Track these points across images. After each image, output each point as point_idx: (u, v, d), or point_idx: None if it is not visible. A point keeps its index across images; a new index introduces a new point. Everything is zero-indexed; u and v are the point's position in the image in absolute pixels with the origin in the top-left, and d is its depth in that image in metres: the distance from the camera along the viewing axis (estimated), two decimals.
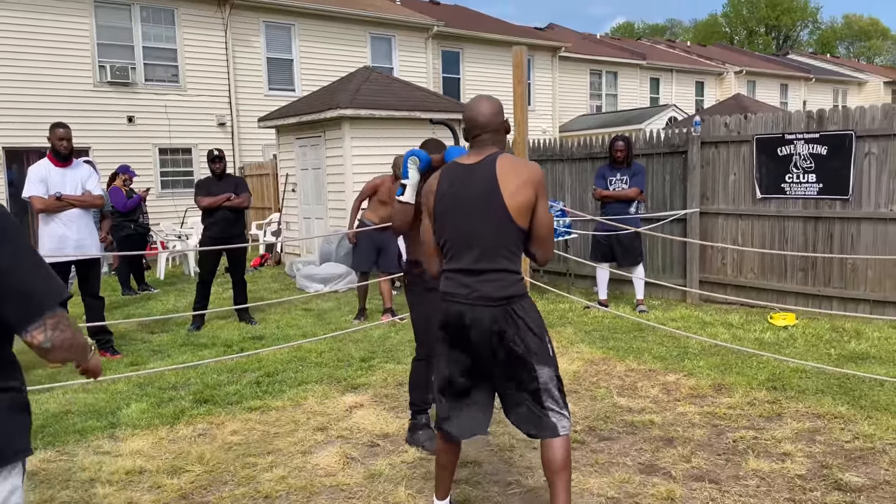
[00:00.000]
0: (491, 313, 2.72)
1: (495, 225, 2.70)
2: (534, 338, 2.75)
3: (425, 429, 4.04)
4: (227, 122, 15.91)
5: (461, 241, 2.77)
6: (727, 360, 5.41)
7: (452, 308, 2.79)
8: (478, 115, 2.81)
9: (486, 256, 2.73)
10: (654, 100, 26.62)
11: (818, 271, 6.95)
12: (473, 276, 2.75)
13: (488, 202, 2.69)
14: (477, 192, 2.72)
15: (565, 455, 2.76)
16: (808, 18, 56.66)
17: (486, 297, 2.72)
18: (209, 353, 6.21)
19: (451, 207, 2.78)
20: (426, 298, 3.90)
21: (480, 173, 2.73)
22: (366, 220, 7.43)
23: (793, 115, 7.14)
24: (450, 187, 2.80)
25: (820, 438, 3.88)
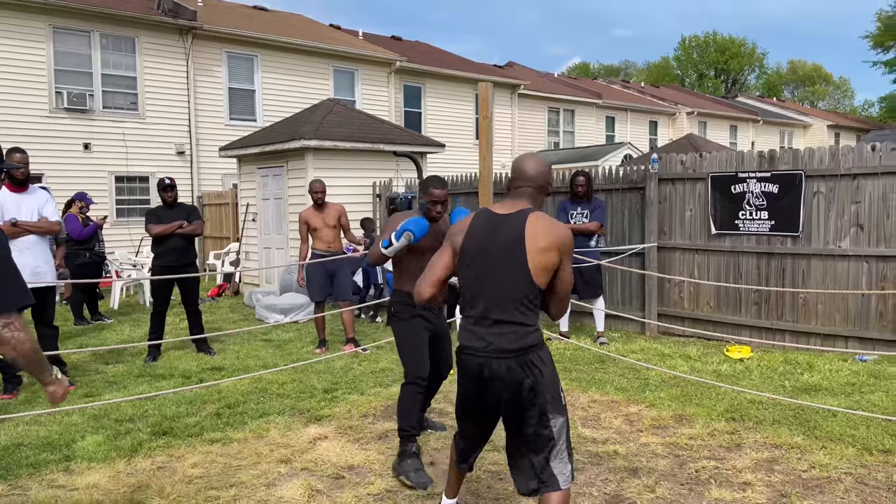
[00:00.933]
0: (507, 364, 2.74)
1: (514, 280, 2.73)
2: (551, 387, 2.79)
3: (413, 458, 3.98)
4: (187, 151, 15.76)
5: (480, 290, 2.80)
6: (687, 391, 5.52)
7: (471, 361, 2.81)
8: (527, 168, 2.87)
9: (501, 308, 2.75)
10: (609, 137, 27.30)
11: (771, 305, 7.17)
12: (488, 328, 2.78)
13: (512, 258, 2.73)
14: (503, 244, 2.76)
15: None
16: (755, 63, 59.06)
17: (501, 349, 2.74)
18: (167, 385, 6.07)
19: (476, 255, 2.82)
20: (412, 324, 4.06)
21: (510, 226, 2.77)
22: (315, 250, 7.54)
23: (746, 154, 7.42)
24: (479, 235, 2.83)
25: (778, 468, 3.98)
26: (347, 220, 7.71)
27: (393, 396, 5.59)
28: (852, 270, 6.66)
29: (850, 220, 6.68)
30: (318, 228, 7.49)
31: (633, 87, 34.50)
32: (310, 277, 7.49)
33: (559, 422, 2.80)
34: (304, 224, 7.53)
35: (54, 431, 4.79)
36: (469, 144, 20.93)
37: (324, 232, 7.51)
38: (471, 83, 21.22)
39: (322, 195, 7.52)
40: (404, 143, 11.45)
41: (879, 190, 6.51)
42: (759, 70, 60.10)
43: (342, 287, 7.55)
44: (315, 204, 7.52)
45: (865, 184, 6.58)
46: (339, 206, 7.67)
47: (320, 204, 7.51)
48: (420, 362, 4.13)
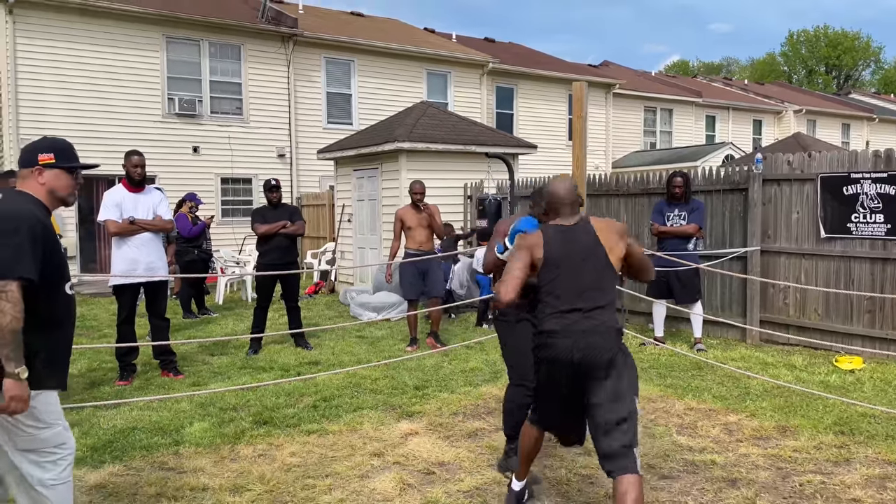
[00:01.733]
0: (604, 341, 3.09)
1: (601, 273, 3.18)
2: (632, 370, 3.17)
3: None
4: (287, 154, 16.37)
5: (573, 287, 3.17)
6: (791, 401, 5.25)
7: (562, 343, 3.12)
8: (562, 193, 3.31)
9: (594, 297, 3.15)
10: (709, 137, 26.32)
11: (886, 313, 6.72)
12: (582, 314, 3.13)
13: (596, 255, 3.19)
14: (584, 247, 3.20)
15: (640, 491, 2.95)
16: (870, 58, 55.46)
17: (596, 330, 3.11)
18: (267, 377, 6.34)
19: (562, 260, 3.20)
20: (517, 328, 4.16)
21: (583, 232, 3.24)
22: (407, 249, 7.67)
23: (859, 153, 7.00)
24: (559, 244, 3.22)
25: (891, 485, 3.73)
26: (441, 221, 7.83)
27: (482, 396, 5.62)
28: None
29: None
30: (413, 227, 7.63)
31: (735, 85, 33.10)
32: (402, 276, 7.64)
33: (635, 403, 3.11)
34: (399, 221, 7.68)
35: (165, 417, 5.10)
36: (561, 145, 20.71)
37: (418, 231, 7.64)
38: (564, 83, 20.98)
39: (422, 196, 7.67)
40: (496, 145, 11.47)
41: None
42: (875, 65, 56.35)
43: (434, 284, 7.67)
44: (413, 204, 7.67)
45: None
46: (435, 207, 7.80)
47: (417, 205, 7.65)
48: (528, 365, 4.08)
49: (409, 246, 7.69)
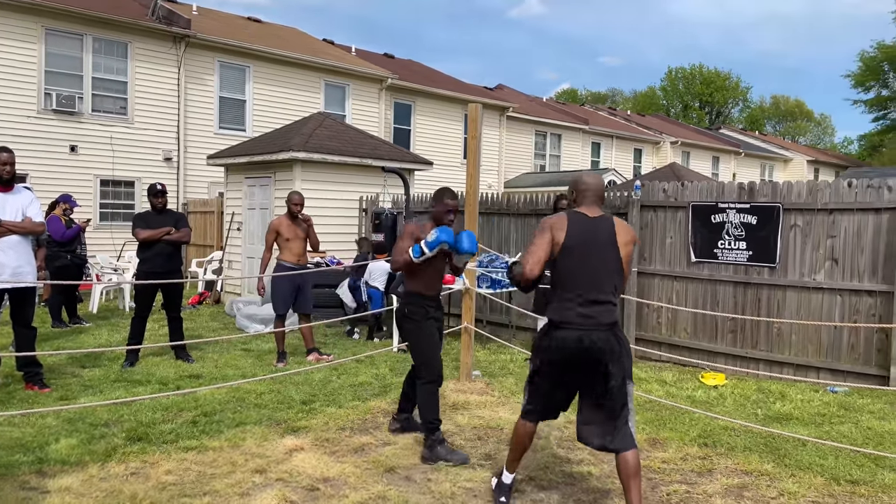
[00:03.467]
0: (605, 336, 3.41)
1: (610, 268, 3.46)
2: (629, 358, 3.49)
3: (443, 443, 4.47)
4: (174, 157, 15.73)
5: (587, 276, 3.44)
6: (661, 415, 5.59)
7: (572, 334, 3.43)
8: (592, 184, 3.60)
9: (603, 290, 3.44)
10: (594, 163, 27.60)
11: (747, 334, 7.29)
12: (591, 307, 3.43)
13: (609, 250, 3.46)
14: (602, 240, 3.47)
15: (639, 461, 3.40)
16: (739, 97, 60.05)
17: (602, 323, 3.43)
18: (144, 391, 6.04)
19: (580, 246, 3.45)
20: (426, 325, 4.53)
21: (604, 226, 3.50)
22: (283, 262, 7.43)
23: (726, 185, 7.58)
24: (580, 231, 3.48)
25: (748, 494, 4.05)
26: (315, 233, 7.67)
27: (371, 410, 5.62)
28: (826, 303, 6.81)
29: (825, 253, 6.83)
30: (290, 239, 7.42)
31: (619, 115, 34.94)
32: (276, 289, 7.36)
33: (631, 388, 3.48)
34: (273, 233, 7.42)
35: (28, 433, 4.76)
36: (457, 163, 21.08)
37: (295, 244, 7.44)
38: (460, 103, 21.40)
39: (301, 207, 7.49)
40: (393, 160, 11.54)
41: (854, 226, 6.67)
42: (743, 103, 61.11)
43: (307, 300, 7.52)
44: (290, 215, 7.46)
45: (841, 219, 6.75)
46: (310, 218, 7.62)
47: (295, 216, 7.47)
48: (437, 361, 4.56)
49: (285, 258, 7.43)
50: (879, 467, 4.42)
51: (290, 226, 7.44)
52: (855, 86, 36.31)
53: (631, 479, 3.36)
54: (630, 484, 3.36)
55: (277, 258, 7.51)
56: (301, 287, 7.43)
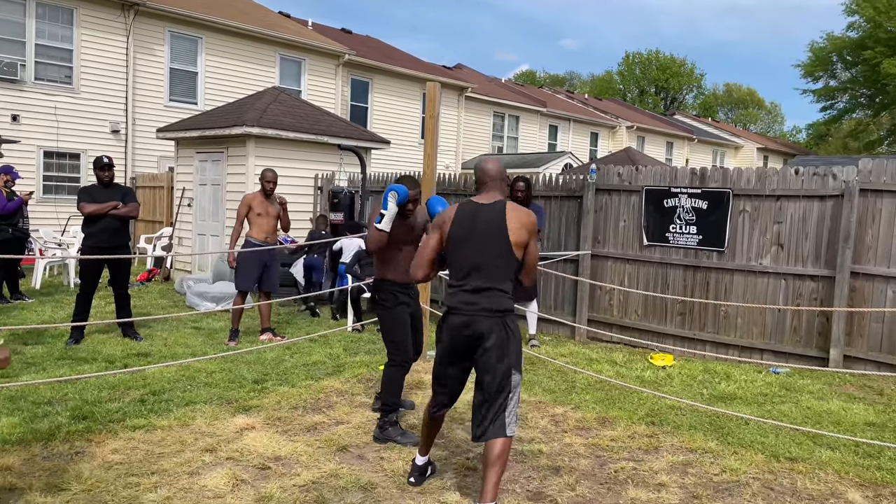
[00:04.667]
0: (489, 322, 3.39)
1: (499, 254, 3.41)
2: (516, 347, 3.45)
3: (395, 426, 4.48)
4: (122, 130, 15.25)
5: (471, 264, 3.43)
6: (611, 395, 5.70)
7: (457, 319, 3.44)
8: (489, 170, 3.59)
9: (488, 277, 3.41)
10: (552, 146, 27.79)
11: (695, 316, 7.47)
12: (478, 294, 3.41)
13: (497, 236, 3.40)
14: (489, 227, 3.42)
15: (504, 450, 3.35)
16: (693, 84, 61.06)
17: (486, 309, 3.40)
18: (89, 368, 5.89)
19: (466, 236, 3.45)
20: (397, 310, 4.56)
21: (493, 213, 3.45)
22: (251, 238, 7.34)
23: (679, 170, 7.71)
24: (466, 221, 3.48)
25: (692, 471, 4.16)
26: (287, 215, 7.59)
27: (324, 390, 5.59)
28: (771, 287, 7.01)
29: (771, 238, 7.02)
30: (261, 215, 7.33)
31: (576, 98, 35.19)
32: (241, 265, 7.26)
33: (517, 378, 3.43)
34: (245, 206, 7.30)
35: None
36: (414, 143, 20.97)
37: (265, 220, 7.36)
38: (419, 82, 21.24)
39: (274, 185, 7.40)
40: (349, 137, 11.40)
41: (800, 212, 6.87)
42: (697, 90, 62.17)
43: (272, 279, 7.46)
44: (263, 192, 7.38)
45: (788, 205, 6.94)
46: (285, 200, 7.56)
47: (268, 194, 7.38)
48: (406, 346, 4.59)
49: (253, 235, 7.38)
50: (817, 445, 4.60)
51: (262, 202, 7.34)
52: (805, 76, 37.23)
53: (489, 466, 3.33)
54: (487, 471, 3.33)
55: (246, 234, 7.41)
56: (268, 265, 7.34)
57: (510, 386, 3.40)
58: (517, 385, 3.43)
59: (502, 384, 3.39)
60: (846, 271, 6.52)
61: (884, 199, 6.43)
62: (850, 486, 3.95)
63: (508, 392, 3.40)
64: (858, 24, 33.63)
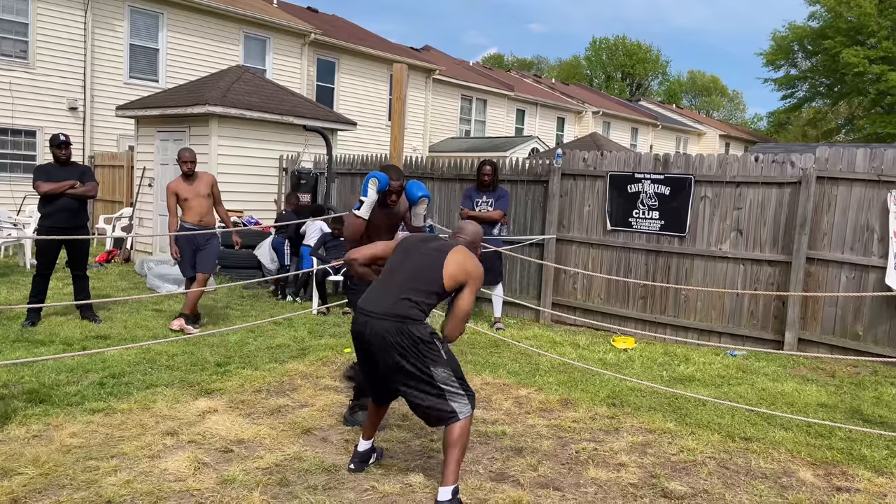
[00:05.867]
0: (384, 326, 3.35)
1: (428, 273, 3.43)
2: (422, 344, 3.35)
3: (365, 409, 4.34)
4: (80, 107, 14.84)
5: (396, 268, 3.50)
6: (574, 377, 5.78)
7: (360, 318, 3.45)
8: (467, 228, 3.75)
9: (405, 287, 3.41)
10: (519, 130, 27.85)
11: (656, 300, 7.60)
12: (387, 297, 3.41)
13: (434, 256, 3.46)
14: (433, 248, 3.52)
15: (463, 432, 3.36)
16: (658, 70, 61.59)
17: (389, 314, 3.37)
18: (46, 351, 5.77)
19: (408, 248, 3.56)
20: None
21: (444, 243, 3.57)
22: (184, 223, 7.00)
23: (643, 156, 7.80)
24: (419, 238, 3.62)
25: (651, 451, 4.26)
26: (219, 190, 7.23)
27: (288, 373, 5.57)
28: (730, 271, 7.16)
29: (731, 224, 7.16)
30: (189, 199, 6.95)
31: (544, 83, 35.25)
32: (181, 252, 6.98)
33: (440, 372, 3.37)
34: (172, 196, 6.94)
35: None
36: (381, 125, 20.82)
37: (195, 203, 6.97)
38: (386, 63, 21.05)
39: (193, 165, 6.99)
40: (315, 118, 11.27)
41: (759, 198, 7.01)
42: (662, 77, 62.72)
43: (205, 259, 7.01)
44: (184, 175, 6.99)
45: (747, 192, 7.08)
46: (211, 176, 7.22)
47: (189, 175, 6.99)
48: None
49: (187, 219, 6.98)
50: (771, 425, 4.74)
51: (187, 187, 6.96)
52: (766, 64, 37.77)
53: (448, 448, 3.36)
54: (447, 453, 3.36)
55: (181, 219, 7.05)
56: (202, 246, 6.98)
57: (434, 381, 3.35)
58: (447, 376, 3.38)
59: (425, 379, 3.35)
60: (802, 257, 6.69)
61: (839, 186, 6.60)
62: (802, 465, 4.08)
63: (438, 384, 3.35)
64: (819, 13, 34.21)
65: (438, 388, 3.36)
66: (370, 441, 3.80)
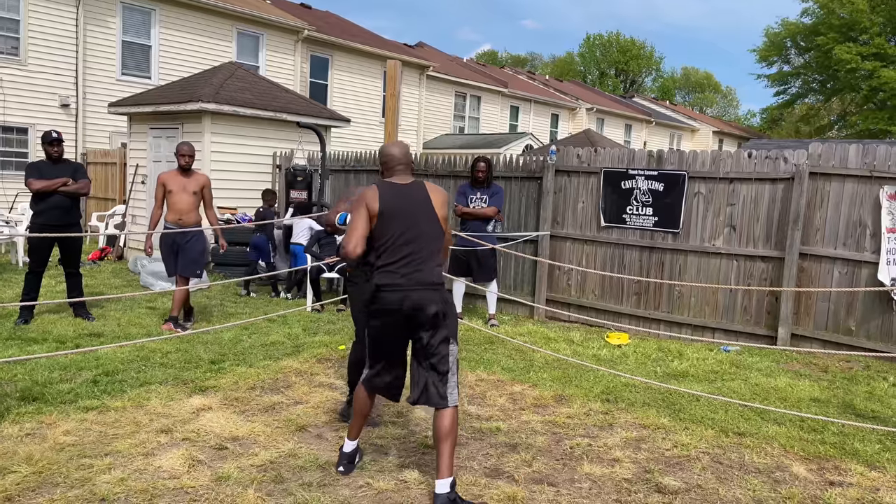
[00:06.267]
0: (429, 295, 3.43)
1: (431, 229, 3.51)
2: (453, 319, 3.51)
3: None
4: (72, 104, 14.76)
5: (405, 239, 3.45)
6: (568, 373, 5.79)
7: (394, 296, 3.42)
8: (396, 154, 3.67)
9: (423, 251, 3.47)
10: (513, 126, 27.84)
11: (650, 296, 7.62)
12: (413, 267, 3.44)
13: (427, 212, 3.51)
14: (417, 204, 3.51)
15: (454, 423, 3.40)
16: (652, 67, 61.66)
17: (422, 282, 3.43)
18: (39, 349, 5.75)
19: (395, 213, 3.46)
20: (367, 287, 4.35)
21: (416, 191, 3.56)
22: (166, 223, 6.79)
23: (636, 152, 7.81)
24: (393, 197, 3.50)
25: (644, 446, 4.27)
26: (211, 193, 6.97)
27: (283, 370, 5.56)
28: (723, 267, 7.19)
29: (724, 220, 7.18)
30: (176, 194, 6.71)
31: (538, 79, 35.25)
32: (160, 251, 6.80)
33: (454, 348, 3.50)
34: (161, 187, 6.72)
35: None
36: (375, 121, 20.78)
37: (181, 199, 6.72)
38: (380, 60, 21.00)
39: (191, 160, 6.78)
40: (309, 115, 11.24)
41: (752, 194, 7.03)
42: (656, 73, 62.79)
43: (187, 262, 6.76)
44: (180, 168, 6.77)
45: (740, 188, 7.10)
46: (205, 177, 6.97)
47: (187, 170, 6.78)
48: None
49: (166, 217, 6.75)
50: (764, 420, 4.76)
51: (178, 179, 6.73)
52: (759, 61, 37.86)
53: (442, 441, 3.35)
54: (440, 445, 3.36)
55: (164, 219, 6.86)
56: (181, 247, 6.71)
57: (450, 355, 3.46)
58: (455, 354, 3.50)
59: (443, 353, 3.44)
60: (795, 252, 6.72)
61: (832, 182, 6.63)
62: (795, 460, 4.10)
63: (448, 361, 3.45)
64: (812, 10, 34.31)
65: (448, 366, 3.45)
66: (356, 441, 3.76)
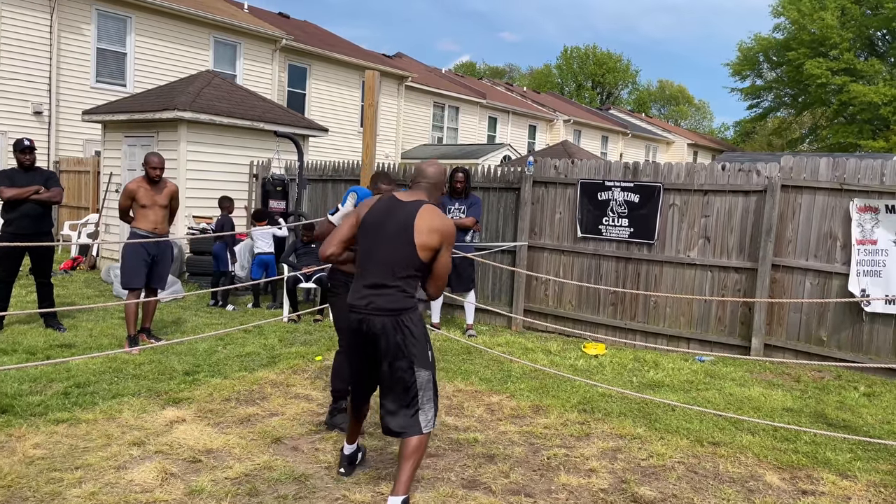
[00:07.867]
0: (382, 322, 3.28)
1: (400, 252, 3.29)
2: (418, 345, 3.33)
3: (344, 412, 4.45)
4: (45, 111, 14.56)
5: (371, 258, 3.35)
6: (545, 383, 5.81)
7: (353, 317, 3.34)
8: (427, 172, 3.56)
9: (386, 274, 3.30)
10: (491, 137, 27.99)
11: (626, 306, 7.68)
12: (373, 291, 3.31)
13: (401, 233, 3.29)
14: (396, 223, 3.32)
15: (420, 445, 3.33)
16: (628, 79, 62.39)
17: (379, 308, 3.28)
18: (8, 360, 5.64)
19: (371, 228, 3.37)
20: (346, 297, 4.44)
21: (406, 210, 3.35)
22: (136, 229, 6.50)
23: (612, 164, 7.89)
24: (378, 213, 3.40)
25: (621, 456, 4.29)
26: (178, 203, 6.83)
27: (258, 381, 5.51)
28: (698, 278, 7.27)
29: (699, 231, 7.27)
30: (147, 206, 6.46)
31: (515, 91, 35.49)
32: (127, 259, 6.52)
33: (425, 374, 3.34)
34: (128, 198, 6.47)
35: None
36: (353, 131, 20.76)
37: (153, 211, 6.49)
38: (358, 70, 21.02)
39: (161, 171, 6.54)
40: (286, 124, 11.20)
41: (726, 206, 7.13)
42: (632, 86, 63.53)
43: (162, 274, 6.66)
44: (149, 179, 6.51)
45: (714, 200, 7.20)
46: (175, 186, 6.75)
47: (156, 181, 6.53)
48: None
49: (140, 226, 6.47)
50: (738, 430, 4.81)
51: (148, 191, 6.48)
52: (733, 75, 38.55)
53: (403, 460, 3.31)
54: (402, 464, 3.31)
55: (131, 226, 6.55)
56: (157, 259, 6.55)
57: (416, 383, 3.31)
58: (427, 381, 3.34)
59: (406, 382, 3.30)
60: (768, 263, 6.82)
61: (803, 194, 6.74)
62: (769, 469, 4.15)
63: (416, 390, 3.32)
64: (784, 25, 35.02)
65: (415, 393, 3.31)
66: (355, 444, 3.81)
